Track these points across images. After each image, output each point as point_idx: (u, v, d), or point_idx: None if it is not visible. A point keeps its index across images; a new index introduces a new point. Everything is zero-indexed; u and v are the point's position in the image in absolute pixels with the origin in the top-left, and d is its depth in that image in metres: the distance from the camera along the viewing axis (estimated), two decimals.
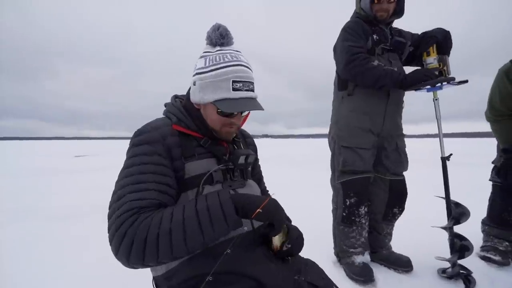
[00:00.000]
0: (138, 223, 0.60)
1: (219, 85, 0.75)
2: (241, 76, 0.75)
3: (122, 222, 0.61)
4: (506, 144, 1.76)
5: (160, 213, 0.63)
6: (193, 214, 0.62)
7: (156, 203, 0.67)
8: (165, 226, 0.60)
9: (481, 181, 1.92)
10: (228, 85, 0.74)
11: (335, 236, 1.82)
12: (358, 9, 1.71)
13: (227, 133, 0.84)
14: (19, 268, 1.80)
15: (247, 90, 0.76)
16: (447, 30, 1.61)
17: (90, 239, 2.26)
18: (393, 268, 1.72)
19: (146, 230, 0.59)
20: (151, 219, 0.61)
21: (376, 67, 1.51)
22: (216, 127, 0.82)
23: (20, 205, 3.42)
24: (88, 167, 7.86)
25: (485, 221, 1.89)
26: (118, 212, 0.63)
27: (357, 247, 1.69)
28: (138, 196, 0.65)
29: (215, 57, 0.77)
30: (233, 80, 0.74)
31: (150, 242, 0.58)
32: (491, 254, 1.75)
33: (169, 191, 0.72)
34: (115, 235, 0.61)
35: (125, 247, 0.59)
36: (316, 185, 4.47)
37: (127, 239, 0.59)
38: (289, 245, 0.77)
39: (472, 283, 1.49)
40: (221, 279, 0.67)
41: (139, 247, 0.58)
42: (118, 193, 0.67)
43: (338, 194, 1.75)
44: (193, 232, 0.60)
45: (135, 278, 1.41)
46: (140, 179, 0.68)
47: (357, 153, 1.66)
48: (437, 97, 1.59)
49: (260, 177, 1.08)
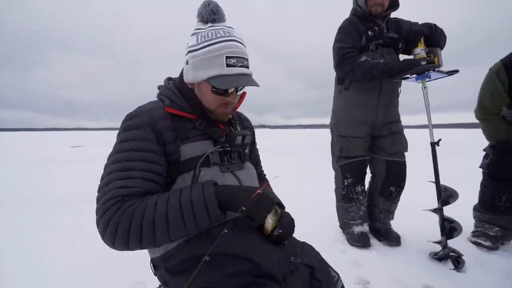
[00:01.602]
0: (122, 211, 0.62)
1: (212, 61, 0.73)
2: (234, 52, 0.73)
3: (106, 209, 0.63)
4: (493, 141, 1.83)
5: (144, 203, 0.64)
6: (176, 206, 0.62)
7: (142, 191, 0.68)
8: (148, 216, 0.61)
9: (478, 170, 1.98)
10: (222, 61, 0.72)
11: (338, 211, 2.08)
12: (355, 6, 1.83)
13: (223, 113, 0.82)
14: (16, 259, 1.81)
15: (241, 66, 0.74)
16: (432, 23, 1.68)
17: (87, 227, 2.28)
18: (383, 240, 1.91)
19: (129, 219, 0.61)
20: (135, 208, 0.62)
21: (362, 63, 1.65)
22: (211, 107, 0.80)
23: (19, 196, 3.42)
24: (85, 157, 7.82)
25: (476, 207, 1.94)
26: (104, 198, 0.65)
27: (356, 219, 1.94)
28: (124, 184, 0.66)
29: (207, 33, 0.75)
30: (226, 56, 0.72)
31: (134, 231, 0.61)
32: (482, 240, 1.81)
33: (156, 179, 0.72)
34: (100, 220, 0.63)
35: (110, 234, 0.62)
36: (314, 173, 4.53)
37: (111, 226, 0.61)
38: (280, 230, 0.78)
39: (461, 264, 1.55)
40: (217, 260, 0.69)
41: (123, 235, 0.61)
42: (106, 178, 0.69)
43: (338, 176, 2.01)
44: (176, 224, 0.62)
45: (132, 264, 1.45)
46: (127, 166, 0.69)
47: (351, 141, 1.89)
48: (425, 85, 1.66)
49: (257, 161, 1.08)
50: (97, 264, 1.66)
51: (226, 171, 0.81)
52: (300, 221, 1.62)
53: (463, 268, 1.54)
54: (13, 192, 3.61)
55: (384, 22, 1.78)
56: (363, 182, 1.97)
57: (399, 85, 1.89)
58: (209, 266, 0.66)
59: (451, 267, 1.56)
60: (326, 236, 2.05)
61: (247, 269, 0.69)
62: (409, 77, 1.67)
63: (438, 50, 1.64)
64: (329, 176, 2.20)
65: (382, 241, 1.91)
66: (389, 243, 1.87)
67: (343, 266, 1.62)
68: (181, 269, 0.71)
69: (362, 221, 1.95)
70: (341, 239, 2.00)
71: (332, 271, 0.81)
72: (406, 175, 1.91)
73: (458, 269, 1.53)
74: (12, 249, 1.93)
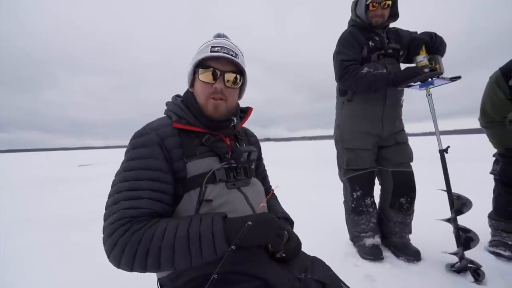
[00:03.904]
0: (130, 234, 0.62)
1: (199, 54, 0.82)
2: (220, 42, 0.81)
3: (114, 230, 0.63)
4: (500, 148, 1.81)
5: (153, 228, 0.63)
6: (184, 237, 0.62)
7: (150, 212, 0.68)
8: (155, 243, 0.61)
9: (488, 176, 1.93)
10: (207, 50, 0.80)
11: (348, 224, 2.04)
12: (354, 17, 1.82)
13: (214, 107, 0.81)
14: (27, 276, 1.80)
15: (225, 53, 0.79)
16: (433, 32, 1.70)
17: (97, 246, 2.28)
18: (401, 256, 1.79)
19: (136, 244, 0.61)
20: (143, 232, 0.62)
21: (365, 75, 1.65)
22: (202, 99, 0.82)
23: (30, 216, 3.44)
24: (93, 176, 7.91)
25: (491, 216, 1.88)
26: (112, 218, 0.65)
27: (367, 231, 1.89)
28: (132, 205, 0.66)
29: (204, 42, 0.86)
30: (212, 46, 0.80)
31: (139, 256, 0.61)
32: (501, 250, 1.73)
33: (164, 198, 0.72)
34: (107, 240, 0.64)
35: (116, 255, 0.62)
36: (320, 184, 4.49)
37: (118, 248, 0.62)
38: (284, 254, 0.77)
39: (481, 276, 1.47)
40: (228, 278, 0.68)
41: (129, 258, 0.61)
42: (114, 197, 0.69)
43: (346, 189, 1.98)
44: (182, 255, 0.62)
45: (137, 283, 1.42)
46: (135, 186, 0.69)
47: (358, 154, 1.86)
48: (430, 92, 1.65)
49: (264, 176, 1.07)
50: (104, 285, 1.64)
51: (232, 188, 0.80)
52: (309, 233, 1.60)
53: (483, 280, 1.46)
54: (22, 212, 3.63)
55: (384, 32, 1.79)
56: (372, 194, 1.93)
57: (402, 94, 1.88)
58: (217, 284, 0.64)
59: (471, 279, 1.48)
60: (336, 249, 1.98)
61: (257, 286, 0.68)
62: (413, 85, 1.67)
63: (439, 57, 1.66)
64: (335, 187, 2.17)
65: (400, 257, 1.78)
66: (407, 259, 1.74)
67: (356, 281, 1.56)
68: None
69: (373, 233, 1.89)
70: (352, 252, 1.93)
71: (344, 286, 0.78)
72: (415, 185, 1.86)
73: (478, 281, 1.46)
74: (22, 269, 1.92)
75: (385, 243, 1.95)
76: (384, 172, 1.91)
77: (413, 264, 1.71)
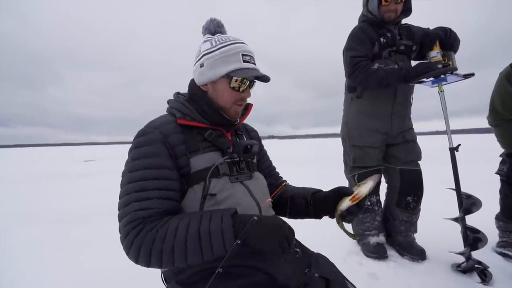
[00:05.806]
0: (143, 235, 0.64)
1: (229, 59, 0.80)
2: (248, 51, 0.83)
3: (128, 232, 0.66)
4: (508, 148, 1.76)
5: (165, 227, 0.65)
6: (195, 234, 0.64)
7: (159, 212, 0.69)
8: (168, 242, 0.63)
9: None
10: (239, 58, 0.80)
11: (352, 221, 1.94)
12: (366, 12, 1.77)
13: (236, 111, 0.86)
14: (24, 272, 1.82)
15: (253, 63, 0.83)
16: (447, 27, 1.66)
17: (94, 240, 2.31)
18: (405, 255, 1.78)
19: (151, 244, 0.64)
20: (156, 232, 0.64)
21: (376, 71, 1.61)
22: (227, 104, 0.84)
23: (39, 208, 3.51)
24: (97, 171, 8.01)
25: (499, 217, 1.85)
26: (124, 220, 0.68)
27: (372, 230, 1.87)
28: (141, 206, 0.68)
29: (219, 38, 0.83)
30: (242, 53, 0.81)
31: (155, 255, 0.64)
32: (509, 251, 1.71)
33: (172, 195, 0.73)
34: (124, 240, 0.67)
35: (133, 254, 0.65)
36: (323, 182, 4.44)
37: (134, 249, 0.65)
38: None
39: (489, 277, 1.45)
40: (232, 271, 0.68)
41: (145, 256, 0.64)
42: (124, 199, 0.70)
43: (352, 186, 1.91)
44: (194, 252, 0.64)
45: (140, 278, 1.43)
46: (142, 186, 0.70)
47: (366, 152, 1.84)
48: (442, 89, 1.61)
49: (270, 170, 1.06)
50: (104, 278, 1.65)
51: (236, 181, 0.81)
52: (312, 230, 1.59)
53: (490, 281, 1.44)
54: (28, 206, 3.70)
55: (396, 28, 1.74)
56: (377, 192, 1.91)
57: (412, 92, 1.84)
58: (222, 277, 0.64)
59: (477, 280, 1.46)
60: (340, 246, 1.97)
61: (262, 280, 0.69)
62: (425, 81, 1.63)
63: (452, 54, 1.61)
64: (340, 185, 2.14)
65: (404, 256, 1.77)
66: (411, 258, 1.73)
67: (360, 279, 1.55)
68: (192, 281, 0.71)
69: (377, 232, 1.88)
70: (356, 250, 1.92)
71: (348, 283, 0.78)
72: (423, 184, 1.83)
73: (485, 282, 1.43)
74: (21, 261, 1.95)
75: (389, 242, 1.94)
76: (392, 170, 1.88)
77: (418, 263, 1.70)
